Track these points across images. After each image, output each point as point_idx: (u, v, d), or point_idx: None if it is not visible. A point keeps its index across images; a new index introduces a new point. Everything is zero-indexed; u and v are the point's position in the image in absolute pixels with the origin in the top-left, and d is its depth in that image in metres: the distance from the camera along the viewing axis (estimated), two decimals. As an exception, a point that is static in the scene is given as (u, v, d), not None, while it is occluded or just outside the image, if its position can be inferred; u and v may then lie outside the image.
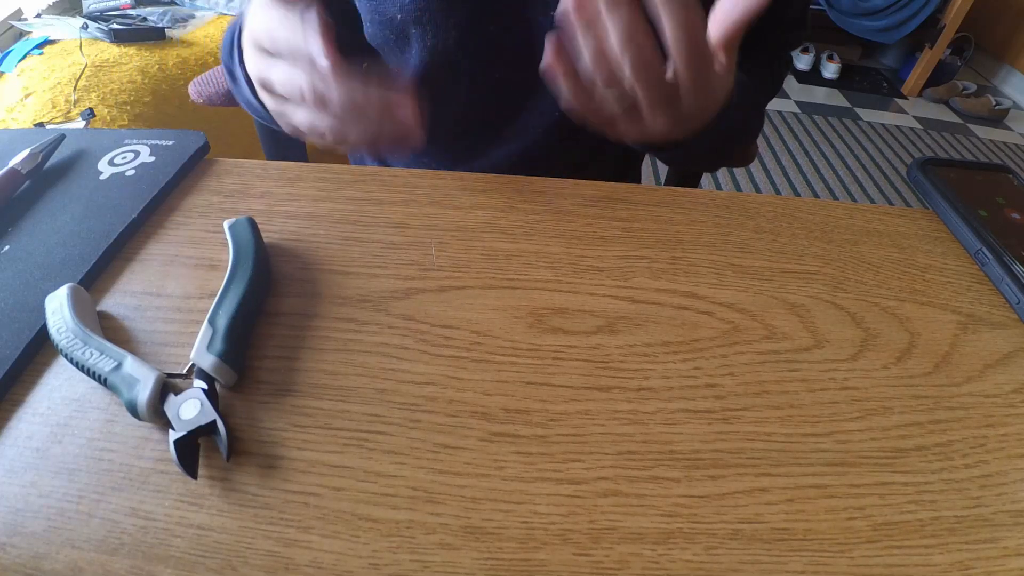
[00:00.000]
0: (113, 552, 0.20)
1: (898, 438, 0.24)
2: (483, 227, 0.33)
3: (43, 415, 0.23)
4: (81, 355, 0.23)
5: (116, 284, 0.29)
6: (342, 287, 0.29)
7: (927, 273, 0.32)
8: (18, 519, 0.20)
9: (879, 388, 0.26)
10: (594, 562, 0.20)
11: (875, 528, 0.21)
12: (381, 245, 0.32)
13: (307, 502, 0.21)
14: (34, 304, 0.27)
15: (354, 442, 0.23)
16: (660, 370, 0.26)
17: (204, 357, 0.24)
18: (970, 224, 0.33)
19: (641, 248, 0.32)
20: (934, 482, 0.22)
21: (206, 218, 0.33)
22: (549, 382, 0.25)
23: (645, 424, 0.24)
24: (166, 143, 0.37)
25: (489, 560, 0.20)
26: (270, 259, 0.30)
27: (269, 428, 0.23)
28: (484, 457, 0.23)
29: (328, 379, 0.25)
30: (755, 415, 0.24)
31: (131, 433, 0.23)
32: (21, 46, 1.07)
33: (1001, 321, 0.29)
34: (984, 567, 0.20)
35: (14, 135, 0.38)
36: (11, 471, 0.22)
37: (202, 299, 0.28)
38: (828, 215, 0.35)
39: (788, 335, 0.28)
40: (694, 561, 0.20)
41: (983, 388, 0.26)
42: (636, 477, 0.22)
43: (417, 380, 0.25)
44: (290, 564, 0.20)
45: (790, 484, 0.22)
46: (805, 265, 0.32)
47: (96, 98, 0.97)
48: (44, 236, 0.31)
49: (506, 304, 0.29)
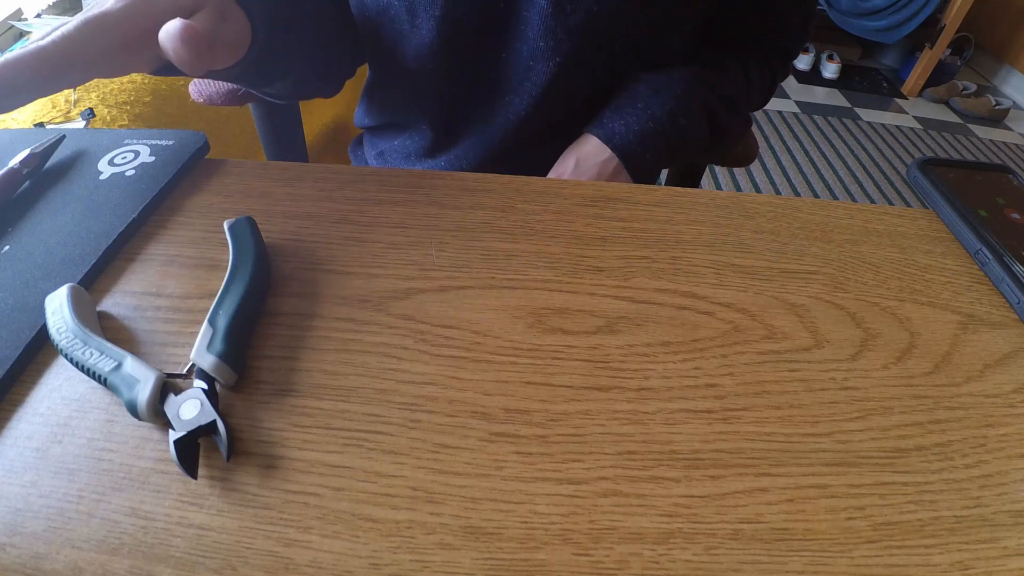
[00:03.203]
0: (113, 552, 0.20)
1: (898, 438, 0.24)
2: (483, 227, 0.33)
3: (43, 415, 0.23)
4: (81, 355, 0.23)
5: (116, 284, 0.29)
6: (342, 287, 0.29)
7: (927, 273, 0.32)
8: (18, 519, 0.20)
9: (879, 388, 0.26)
10: (594, 562, 0.20)
11: (875, 528, 0.21)
12: (381, 245, 0.32)
13: (307, 502, 0.21)
14: (34, 304, 0.27)
15: (354, 442, 0.23)
16: (660, 370, 0.26)
17: (204, 357, 0.24)
18: (970, 224, 0.33)
19: (641, 248, 0.32)
20: (934, 482, 0.22)
21: (206, 218, 0.33)
22: (549, 382, 0.25)
23: (645, 424, 0.24)
24: (166, 143, 0.37)
25: (489, 560, 0.20)
26: (270, 259, 0.30)
27: (269, 428, 0.23)
28: (484, 457, 0.23)
29: (328, 379, 0.25)
30: (755, 415, 0.24)
31: (131, 433, 0.23)
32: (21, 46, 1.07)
33: (1001, 321, 0.29)
34: (984, 567, 0.20)
35: (14, 135, 0.38)
36: (11, 471, 0.22)
37: (202, 299, 0.28)
38: (828, 215, 0.35)
39: (788, 335, 0.28)
40: (694, 561, 0.20)
41: (983, 388, 0.26)
42: (636, 477, 0.22)
43: (417, 380, 0.25)
44: (290, 564, 0.20)
45: (790, 484, 0.22)
46: (805, 265, 0.32)
47: (96, 98, 0.97)
48: (44, 236, 0.31)
49: (506, 304, 0.29)
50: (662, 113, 0.45)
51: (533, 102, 0.47)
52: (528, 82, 0.46)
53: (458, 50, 0.45)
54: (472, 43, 0.45)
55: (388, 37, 0.47)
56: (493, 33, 0.44)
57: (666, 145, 0.45)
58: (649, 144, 0.45)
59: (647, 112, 0.45)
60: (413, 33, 0.45)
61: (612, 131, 0.45)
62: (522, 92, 0.47)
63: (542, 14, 0.42)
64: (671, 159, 0.47)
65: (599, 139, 0.45)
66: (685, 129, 0.46)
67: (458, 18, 0.43)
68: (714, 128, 0.49)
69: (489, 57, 0.46)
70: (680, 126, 0.45)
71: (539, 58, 0.44)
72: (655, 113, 0.45)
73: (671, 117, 0.45)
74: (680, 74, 0.46)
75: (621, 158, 0.45)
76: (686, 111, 0.45)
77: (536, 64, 0.45)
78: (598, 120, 0.46)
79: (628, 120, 0.45)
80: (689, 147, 0.47)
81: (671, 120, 0.45)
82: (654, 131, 0.45)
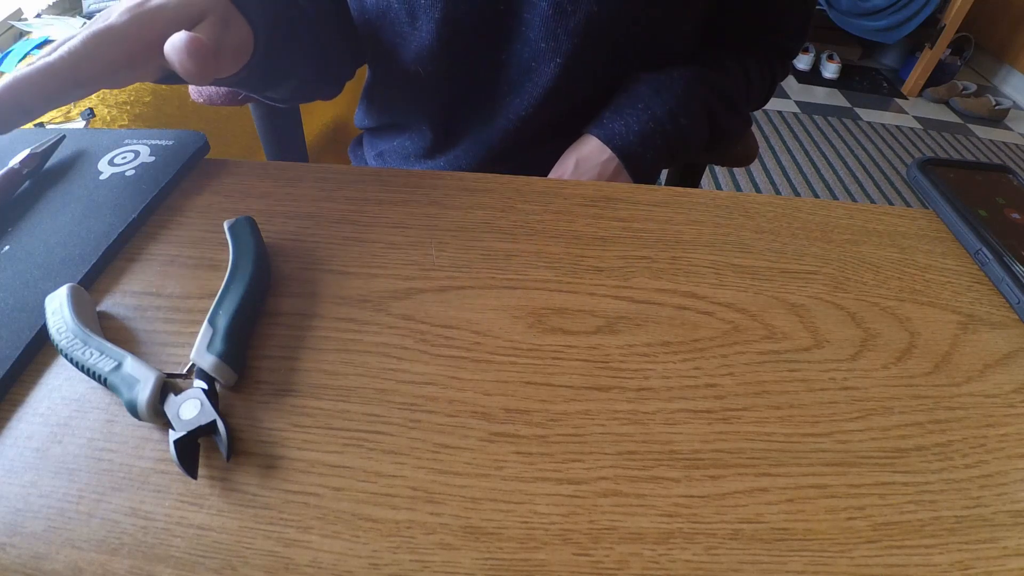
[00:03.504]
0: (113, 552, 0.20)
1: (898, 438, 0.24)
2: (483, 227, 0.33)
3: (43, 415, 0.23)
4: (81, 355, 0.23)
5: (116, 284, 0.29)
6: (342, 287, 0.29)
7: (927, 273, 0.32)
8: (18, 519, 0.20)
9: (879, 388, 0.26)
10: (594, 562, 0.20)
11: (875, 528, 0.21)
12: (381, 245, 0.32)
13: (307, 502, 0.21)
14: (34, 304, 0.27)
15: (354, 442, 0.23)
16: (660, 370, 0.26)
17: (204, 357, 0.24)
18: (970, 224, 0.33)
19: (641, 248, 0.32)
20: (934, 482, 0.22)
21: (206, 218, 0.33)
22: (549, 382, 0.25)
23: (645, 424, 0.24)
24: (166, 143, 0.37)
25: (489, 560, 0.20)
26: (270, 259, 0.30)
27: (269, 428, 0.23)
28: (484, 457, 0.23)
29: (328, 379, 0.25)
30: (755, 415, 0.24)
31: (131, 433, 0.23)
32: (21, 46, 1.07)
33: (1001, 321, 0.29)
34: (984, 567, 0.20)
35: (14, 135, 0.38)
36: (11, 471, 0.22)
37: (202, 299, 0.28)
38: (828, 215, 0.35)
39: (788, 335, 0.28)
40: (694, 561, 0.20)
41: (983, 388, 0.26)
42: (636, 477, 0.22)
43: (417, 380, 0.25)
44: (290, 564, 0.20)
45: (790, 484, 0.22)
46: (805, 265, 0.32)
47: (96, 98, 0.96)
48: (44, 236, 0.31)
49: (506, 304, 0.29)
50: (663, 113, 0.45)
51: (534, 103, 0.47)
52: (529, 83, 0.46)
53: (458, 51, 0.45)
54: (472, 44, 0.45)
55: (388, 38, 0.47)
56: (493, 34, 0.44)
57: (667, 145, 0.45)
58: (650, 144, 0.45)
59: (647, 112, 0.45)
60: (413, 35, 0.45)
61: (612, 131, 0.45)
62: (523, 93, 0.47)
63: (542, 16, 0.42)
64: (672, 159, 0.47)
65: (599, 139, 0.45)
66: (686, 129, 0.46)
67: (458, 19, 0.43)
68: (714, 128, 0.49)
69: (489, 58, 0.46)
70: (681, 126, 0.45)
71: (540, 59, 0.44)
72: (656, 113, 0.45)
73: (672, 117, 0.45)
74: (680, 74, 0.46)
75: (621, 158, 0.45)
76: (687, 111, 0.45)
77: (537, 65, 0.45)
78: (598, 120, 0.46)
79: (628, 120, 0.45)
80: (690, 147, 0.47)
81: (672, 120, 0.45)
82: (655, 131, 0.45)
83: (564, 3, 0.41)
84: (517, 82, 0.47)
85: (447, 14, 0.42)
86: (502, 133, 0.49)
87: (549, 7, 0.41)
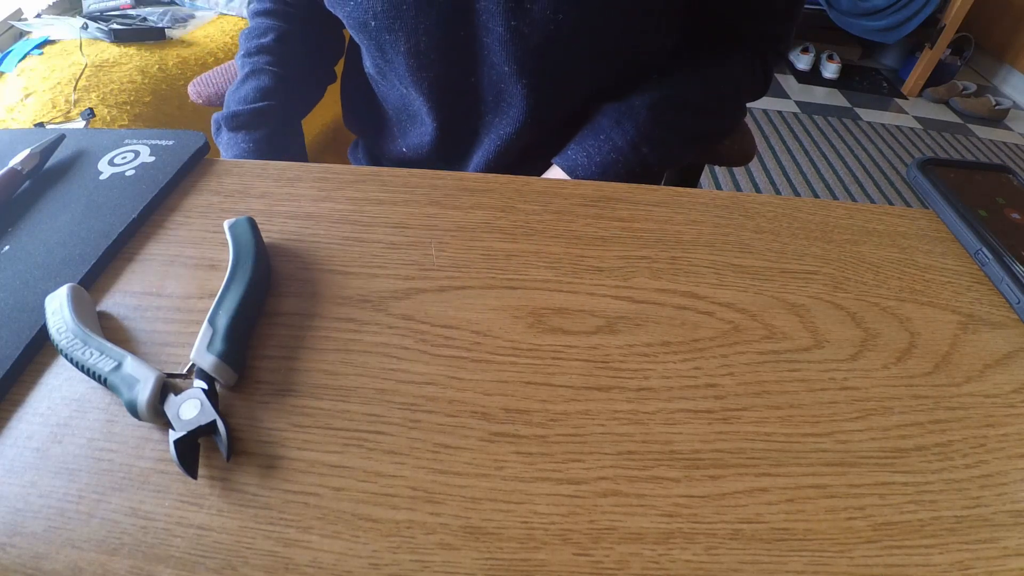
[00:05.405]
0: (113, 552, 0.20)
1: (898, 438, 0.24)
2: (483, 227, 0.33)
3: (43, 415, 0.23)
4: (81, 355, 0.23)
5: (116, 284, 0.29)
6: (342, 287, 0.29)
7: (927, 273, 0.32)
8: (18, 519, 0.20)
9: (879, 388, 0.26)
10: (594, 562, 0.20)
11: (875, 528, 0.21)
12: (381, 245, 0.32)
13: (307, 502, 0.21)
14: (34, 304, 0.27)
15: (354, 442, 0.23)
16: (660, 370, 0.26)
17: (204, 357, 0.24)
18: (970, 224, 0.33)
19: (641, 248, 0.32)
20: (934, 482, 0.22)
21: (206, 218, 0.33)
22: (549, 382, 0.25)
23: (645, 424, 0.24)
24: (166, 143, 0.37)
25: (489, 560, 0.20)
26: (270, 259, 0.30)
27: (269, 428, 0.23)
28: (484, 457, 0.23)
29: (328, 379, 0.25)
30: (755, 415, 0.24)
31: (131, 433, 0.23)
32: (21, 46, 1.07)
33: (1001, 321, 0.29)
34: (984, 567, 0.20)
35: (14, 135, 0.38)
36: (11, 471, 0.22)
37: (202, 299, 0.28)
38: (828, 215, 0.35)
39: (788, 335, 0.28)
40: (694, 561, 0.20)
41: (983, 388, 0.26)
42: (636, 477, 0.22)
43: (417, 380, 0.25)
44: (290, 564, 0.20)
45: (790, 484, 0.22)
46: (805, 265, 0.32)
47: (96, 98, 0.96)
48: (44, 236, 0.31)
49: (506, 304, 0.29)
50: (624, 143, 0.46)
51: (515, 124, 0.48)
52: (504, 103, 0.48)
53: (432, 77, 0.47)
54: (442, 72, 0.47)
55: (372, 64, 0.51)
56: (458, 62, 0.46)
57: (629, 173, 0.47)
58: (611, 173, 0.47)
59: (609, 143, 0.47)
60: (388, 67, 0.48)
61: (576, 162, 0.47)
62: (501, 113, 0.49)
63: (500, 40, 0.43)
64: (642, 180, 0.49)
65: (563, 169, 0.48)
66: (647, 157, 0.47)
67: (422, 51, 0.45)
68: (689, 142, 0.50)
69: (463, 82, 0.48)
70: (642, 155, 0.47)
71: (507, 81, 0.46)
72: (616, 144, 0.47)
73: (633, 147, 0.47)
74: (644, 101, 0.47)
75: None
76: (648, 139, 0.47)
77: (506, 87, 0.46)
78: (563, 151, 0.49)
79: (590, 152, 0.47)
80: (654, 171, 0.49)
81: (633, 150, 0.47)
82: (616, 160, 0.47)
83: (520, 26, 0.42)
84: (494, 104, 0.49)
85: (410, 47, 0.44)
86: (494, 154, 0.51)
87: (506, 31, 0.42)
